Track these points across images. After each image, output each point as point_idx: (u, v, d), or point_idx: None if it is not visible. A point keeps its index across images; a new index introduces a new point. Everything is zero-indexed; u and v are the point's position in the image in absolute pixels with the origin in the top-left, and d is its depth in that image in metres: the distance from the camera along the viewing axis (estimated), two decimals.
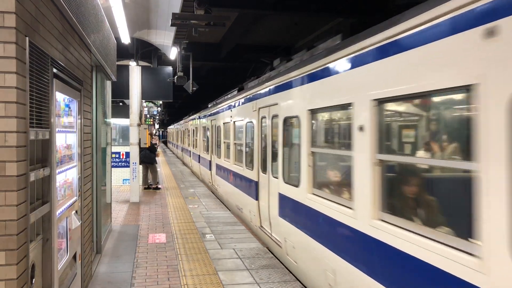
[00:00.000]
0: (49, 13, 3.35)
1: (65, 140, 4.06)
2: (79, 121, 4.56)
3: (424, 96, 3.26)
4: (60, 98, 3.77)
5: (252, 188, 8.53)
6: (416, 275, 3.17)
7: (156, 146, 15.11)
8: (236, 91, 11.42)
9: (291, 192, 6.08)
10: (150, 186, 14.47)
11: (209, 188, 14.87)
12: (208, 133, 15.54)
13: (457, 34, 2.77)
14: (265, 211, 7.61)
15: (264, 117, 7.79)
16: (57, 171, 3.54)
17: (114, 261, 6.47)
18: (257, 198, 8.16)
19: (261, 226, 7.91)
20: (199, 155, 18.27)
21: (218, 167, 13.05)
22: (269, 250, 7.03)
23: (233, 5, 10.21)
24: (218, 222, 9.21)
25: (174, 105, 38.28)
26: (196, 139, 19.71)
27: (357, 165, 4.07)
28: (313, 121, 5.47)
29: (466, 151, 2.78)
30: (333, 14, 10.77)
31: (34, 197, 3.10)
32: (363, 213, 3.95)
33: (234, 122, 10.61)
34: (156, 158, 14.80)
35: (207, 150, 15.55)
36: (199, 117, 18.56)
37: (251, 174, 8.57)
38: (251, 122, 8.65)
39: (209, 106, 16.58)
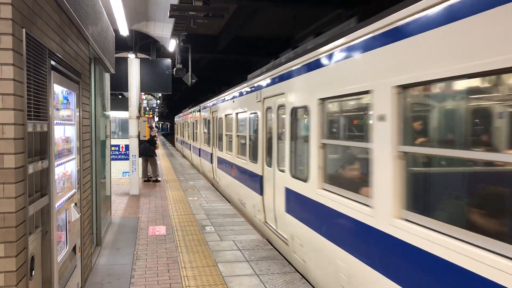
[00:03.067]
0: (46, 5, 3.33)
1: (64, 132, 4.05)
2: (78, 113, 4.55)
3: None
4: (58, 90, 3.76)
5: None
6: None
7: (155, 138, 15.11)
8: None
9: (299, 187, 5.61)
10: (150, 178, 14.49)
11: None
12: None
13: None
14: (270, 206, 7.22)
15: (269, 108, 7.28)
16: (55, 164, 3.54)
17: (114, 253, 6.50)
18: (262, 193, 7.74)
19: (266, 222, 7.57)
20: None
21: None
22: (273, 246, 6.99)
23: None
24: (218, 214, 9.23)
25: (173, 97, 38.24)
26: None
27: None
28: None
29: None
30: (332, 6, 10.72)
31: (33, 189, 3.10)
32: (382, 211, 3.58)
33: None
34: (156, 151, 14.81)
35: None
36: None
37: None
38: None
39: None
